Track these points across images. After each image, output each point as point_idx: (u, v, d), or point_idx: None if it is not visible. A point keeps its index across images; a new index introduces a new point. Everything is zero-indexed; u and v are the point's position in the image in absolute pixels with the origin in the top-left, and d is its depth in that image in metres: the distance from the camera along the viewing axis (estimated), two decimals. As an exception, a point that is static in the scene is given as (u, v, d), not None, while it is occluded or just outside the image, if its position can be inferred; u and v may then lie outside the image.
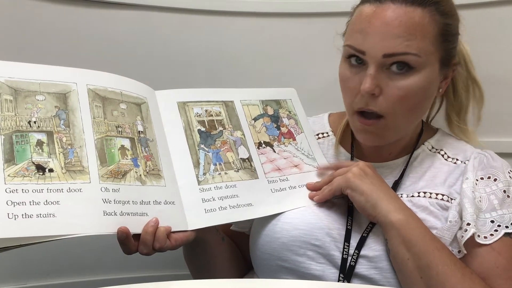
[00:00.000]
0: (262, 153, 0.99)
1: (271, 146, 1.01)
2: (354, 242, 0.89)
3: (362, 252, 0.88)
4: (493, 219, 0.88)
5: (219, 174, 0.93)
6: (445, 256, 0.83)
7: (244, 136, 0.99)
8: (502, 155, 1.02)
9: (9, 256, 1.19)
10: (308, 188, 0.96)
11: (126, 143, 0.86)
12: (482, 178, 0.93)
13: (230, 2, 1.25)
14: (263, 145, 1.00)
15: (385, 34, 0.86)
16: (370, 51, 0.87)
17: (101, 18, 1.21)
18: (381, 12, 0.87)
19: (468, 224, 0.86)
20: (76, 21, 1.20)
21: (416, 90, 0.88)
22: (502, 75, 1.04)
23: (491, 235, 0.87)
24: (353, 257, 0.88)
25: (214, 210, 0.88)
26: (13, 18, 1.15)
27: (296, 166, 1.00)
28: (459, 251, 0.88)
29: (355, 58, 0.91)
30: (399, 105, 0.89)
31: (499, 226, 0.87)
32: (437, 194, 0.93)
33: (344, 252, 0.88)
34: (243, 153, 0.97)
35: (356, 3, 0.94)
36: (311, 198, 0.95)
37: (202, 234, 0.89)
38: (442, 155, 0.99)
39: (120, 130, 0.86)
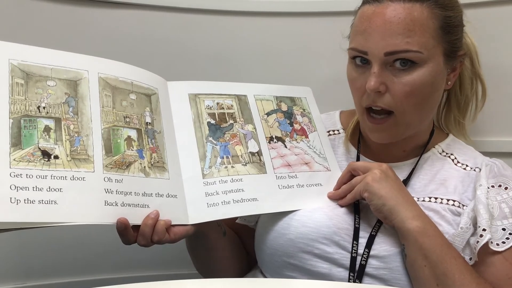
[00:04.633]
0: (272, 148, 0.98)
1: (283, 141, 1.00)
2: (362, 240, 0.90)
3: (372, 252, 0.88)
4: (505, 227, 0.88)
5: (225, 167, 0.92)
6: (461, 265, 0.84)
7: (256, 130, 0.99)
8: (502, 154, 1.02)
9: (9, 256, 1.22)
10: (330, 198, 0.96)
11: (133, 134, 0.86)
12: (493, 186, 0.93)
13: (232, 1, 1.25)
14: (275, 140, 0.99)
15: (385, 32, 0.88)
16: (372, 51, 0.89)
17: (103, 18, 1.21)
18: (380, 11, 0.89)
19: (484, 229, 0.86)
20: (78, 21, 1.20)
21: (422, 84, 0.89)
22: (502, 75, 1.03)
23: (503, 242, 0.87)
24: (364, 256, 0.88)
25: (217, 204, 0.88)
26: (14, 18, 1.15)
27: (306, 164, 0.99)
28: (470, 258, 0.88)
29: (359, 59, 0.92)
30: (406, 101, 0.90)
31: (510, 234, 0.88)
32: (448, 200, 0.93)
33: (353, 251, 0.89)
34: (253, 146, 0.97)
35: (358, 5, 0.95)
36: (330, 198, 0.95)
37: (202, 228, 0.90)
38: (452, 160, 0.99)
39: (127, 120, 0.87)
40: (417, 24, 0.87)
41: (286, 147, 1.00)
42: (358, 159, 1.02)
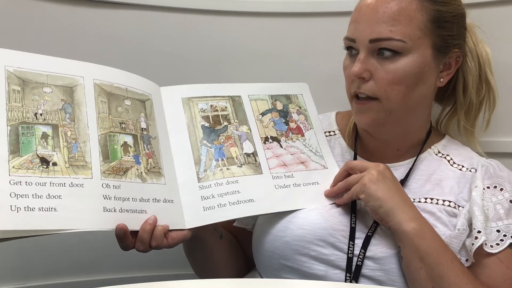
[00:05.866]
0: (268, 148, 0.98)
1: (278, 141, 1.00)
2: (358, 241, 0.90)
3: (368, 253, 0.89)
4: (499, 229, 0.90)
5: (221, 170, 0.93)
6: (457, 267, 0.85)
7: (250, 131, 0.99)
8: (502, 155, 1.02)
9: (9, 256, 1.21)
10: (326, 196, 0.96)
11: (129, 140, 0.87)
12: (488, 187, 0.94)
13: (230, 2, 1.25)
14: (270, 140, 0.99)
15: (371, 20, 0.91)
16: (359, 38, 0.93)
17: (102, 18, 1.21)
18: (371, 1, 0.92)
19: (479, 232, 0.88)
20: (78, 21, 1.19)
21: (405, 73, 0.91)
22: (502, 75, 1.05)
23: (497, 244, 0.88)
24: (359, 257, 0.89)
25: (213, 207, 0.89)
26: (14, 18, 1.14)
27: (302, 163, 0.99)
28: (466, 260, 0.89)
29: (352, 48, 0.95)
30: (389, 88, 0.92)
31: (505, 236, 0.89)
32: (444, 201, 0.94)
33: (349, 252, 0.89)
34: (248, 148, 0.97)
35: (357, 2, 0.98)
36: (326, 196, 0.96)
37: (199, 232, 0.90)
38: (448, 161, 1.00)
39: (123, 126, 0.87)
40: (403, 14, 0.89)
41: (281, 146, 1.00)
42: (355, 159, 1.02)
